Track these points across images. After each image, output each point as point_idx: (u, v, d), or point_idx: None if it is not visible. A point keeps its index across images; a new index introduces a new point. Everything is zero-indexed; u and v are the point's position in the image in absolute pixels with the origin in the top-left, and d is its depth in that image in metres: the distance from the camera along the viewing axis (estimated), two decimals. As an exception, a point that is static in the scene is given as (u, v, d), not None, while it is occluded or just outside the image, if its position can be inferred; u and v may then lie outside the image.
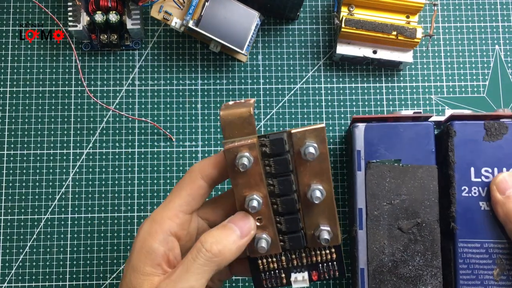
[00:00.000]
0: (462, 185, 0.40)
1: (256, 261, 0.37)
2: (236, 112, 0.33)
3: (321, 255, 0.36)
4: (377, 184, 0.41)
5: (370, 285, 0.40)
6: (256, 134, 0.34)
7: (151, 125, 0.50)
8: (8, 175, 0.49)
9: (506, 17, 0.53)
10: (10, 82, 0.51)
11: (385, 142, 0.42)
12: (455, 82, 0.52)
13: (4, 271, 0.48)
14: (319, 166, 0.34)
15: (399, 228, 0.40)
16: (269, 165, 0.34)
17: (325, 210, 0.35)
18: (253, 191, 0.34)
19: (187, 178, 0.35)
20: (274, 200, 0.35)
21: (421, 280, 0.40)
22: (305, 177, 0.34)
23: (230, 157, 0.33)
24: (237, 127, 0.33)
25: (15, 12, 0.52)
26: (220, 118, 0.34)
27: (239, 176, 0.34)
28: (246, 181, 0.34)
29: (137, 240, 0.35)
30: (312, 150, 0.33)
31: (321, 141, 0.33)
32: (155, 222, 0.35)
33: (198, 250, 0.33)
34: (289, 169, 0.34)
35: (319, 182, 0.34)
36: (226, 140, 0.34)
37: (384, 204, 0.41)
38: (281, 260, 0.37)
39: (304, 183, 0.34)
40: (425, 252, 0.40)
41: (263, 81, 0.51)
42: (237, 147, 0.33)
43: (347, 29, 0.47)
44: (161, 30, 0.52)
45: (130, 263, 0.34)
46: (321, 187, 0.34)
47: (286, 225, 0.35)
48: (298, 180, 0.34)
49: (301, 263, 0.37)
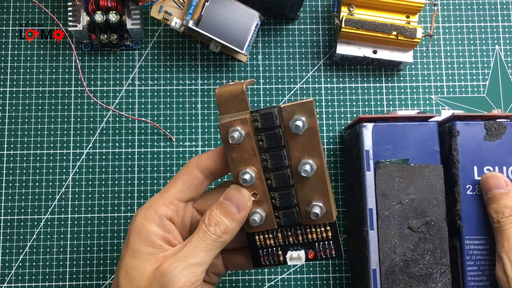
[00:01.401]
0: (466, 183, 0.41)
1: (253, 237, 0.37)
2: (229, 89, 0.35)
3: (316, 233, 0.37)
4: (387, 184, 0.41)
5: (382, 285, 0.40)
6: (248, 110, 0.35)
7: (151, 125, 0.50)
8: (8, 175, 0.49)
9: (506, 17, 0.53)
10: (10, 82, 0.51)
11: (392, 141, 0.42)
12: (455, 82, 0.52)
13: (4, 271, 0.48)
14: (309, 141, 0.35)
15: (409, 228, 0.41)
16: (262, 140, 0.35)
17: (317, 186, 0.36)
18: (247, 166, 0.35)
19: (184, 169, 0.37)
20: (268, 175, 0.36)
21: (431, 278, 0.40)
22: (296, 152, 0.35)
23: (223, 132, 0.35)
24: (231, 104, 0.35)
25: (15, 12, 0.52)
26: (215, 95, 0.35)
27: (233, 151, 0.35)
28: (240, 155, 0.35)
29: (133, 225, 0.36)
30: (300, 123, 0.34)
31: (310, 115, 0.34)
32: (150, 208, 0.36)
33: (204, 232, 0.35)
34: (280, 144, 0.35)
35: (310, 157, 0.35)
36: (220, 116, 0.35)
37: (394, 204, 0.41)
38: (278, 237, 0.37)
39: (295, 158, 0.35)
40: (434, 250, 0.41)
41: (263, 81, 0.51)
42: (230, 122, 0.35)
43: (347, 29, 0.47)
44: (161, 30, 0.52)
45: (128, 247, 0.35)
46: (311, 162, 0.35)
47: (280, 200, 0.36)
48: (290, 155, 0.35)
49: (297, 241, 0.37)
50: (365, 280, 0.42)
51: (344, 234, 0.49)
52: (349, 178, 0.48)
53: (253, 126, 0.35)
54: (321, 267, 0.48)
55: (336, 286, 0.48)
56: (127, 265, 0.35)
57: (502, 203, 0.39)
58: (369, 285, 0.41)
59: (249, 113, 0.35)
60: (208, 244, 0.35)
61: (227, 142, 0.35)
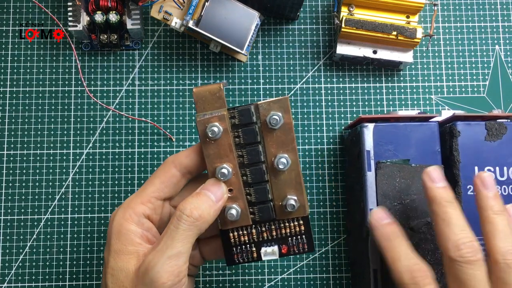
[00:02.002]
0: (467, 184, 0.41)
1: (227, 234, 0.38)
2: (207, 87, 0.37)
3: (290, 227, 0.38)
4: (388, 184, 0.41)
5: (383, 285, 0.40)
6: (226, 107, 0.37)
7: (151, 125, 0.50)
8: (8, 175, 0.49)
9: (506, 17, 0.53)
10: (10, 82, 0.50)
11: (393, 142, 0.42)
12: (455, 82, 0.52)
13: (4, 271, 0.48)
14: (284, 136, 0.37)
15: (410, 228, 0.41)
16: (238, 136, 0.37)
17: (292, 181, 0.37)
18: (224, 162, 0.37)
19: (161, 168, 0.37)
20: (244, 171, 0.37)
21: None
22: (272, 148, 0.37)
23: (201, 129, 0.36)
24: (208, 101, 0.37)
25: (15, 12, 0.52)
26: (193, 93, 0.37)
27: (210, 147, 0.36)
28: (217, 152, 0.36)
29: (112, 226, 0.36)
30: (276, 117, 0.36)
31: (285, 111, 0.36)
32: (128, 207, 0.36)
33: (178, 217, 0.34)
34: (257, 140, 0.37)
35: (285, 152, 0.37)
36: (198, 113, 0.37)
37: (395, 204, 0.41)
38: (252, 233, 0.38)
39: (271, 154, 0.37)
40: (435, 250, 0.41)
41: (263, 81, 0.51)
42: (208, 119, 0.36)
43: (347, 29, 0.47)
44: (161, 30, 0.52)
45: (111, 248, 0.35)
46: (286, 156, 0.36)
47: (255, 195, 0.37)
48: (265, 151, 0.37)
49: (271, 237, 0.38)
50: (366, 280, 0.42)
51: (344, 234, 0.49)
52: (350, 178, 0.48)
53: (230, 122, 0.37)
54: (321, 267, 0.48)
55: (336, 286, 0.48)
56: (112, 268, 0.34)
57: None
58: (369, 285, 0.41)
59: (227, 110, 0.37)
60: (184, 231, 0.34)
61: (204, 138, 0.36)
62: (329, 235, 0.49)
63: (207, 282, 0.48)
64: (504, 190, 0.41)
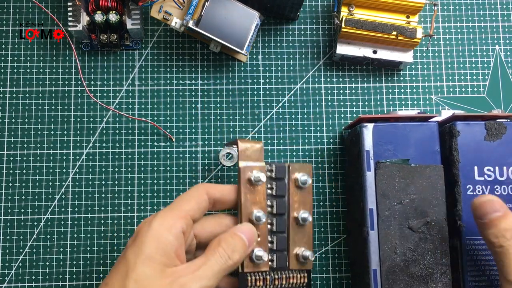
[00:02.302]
0: (467, 184, 0.41)
1: (246, 277, 0.40)
2: (251, 141, 0.43)
3: (296, 278, 0.42)
4: (387, 184, 0.41)
5: (383, 285, 0.41)
6: (263, 161, 0.42)
7: (151, 125, 0.50)
8: (8, 175, 0.49)
9: (506, 17, 0.53)
10: (10, 82, 0.51)
11: (392, 142, 0.42)
12: (455, 82, 0.52)
13: (4, 271, 0.48)
14: (305, 196, 0.42)
15: (409, 228, 0.41)
16: (271, 188, 0.41)
17: (306, 235, 0.42)
18: (257, 208, 0.40)
19: (194, 191, 0.38)
20: (270, 219, 0.41)
21: (431, 279, 0.40)
22: (295, 203, 0.42)
23: (245, 174, 0.41)
24: (250, 153, 0.42)
25: (15, 12, 0.52)
26: (238, 144, 0.42)
27: (248, 192, 0.40)
28: (253, 197, 0.41)
29: (149, 231, 0.35)
30: (306, 178, 0.41)
31: (309, 175, 0.42)
32: (168, 217, 0.36)
33: (221, 255, 0.36)
34: (286, 193, 0.42)
35: (305, 209, 0.42)
36: (241, 161, 0.42)
37: (395, 204, 0.41)
38: (266, 279, 0.41)
39: (293, 209, 0.41)
40: (434, 250, 0.41)
41: (263, 81, 0.51)
42: (251, 167, 0.41)
43: (347, 29, 0.47)
44: (161, 30, 0.52)
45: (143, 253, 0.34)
46: (308, 213, 0.41)
47: (277, 243, 0.41)
48: (290, 205, 0.41)
49: (281, 285, 0.41)
50: (366, 280, 0.42)
51: (344, 234, 0.49)
52: (349, 178, 0.48)
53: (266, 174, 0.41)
54: (321, 267, 0.48)
55: (336, 286, 0.48)
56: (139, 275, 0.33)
57: (502, 226, 0.36)
58: (369, 285, 0.41)
59: (264, 164, 0.42)
60: (221, 269, 0.35)
61: (246, 183, 0.40)
62: (329, 235, 0.49)
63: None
64: (504, 190, 0.41)
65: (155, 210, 0.49)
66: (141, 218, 0.49)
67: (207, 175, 0.50)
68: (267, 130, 0.50)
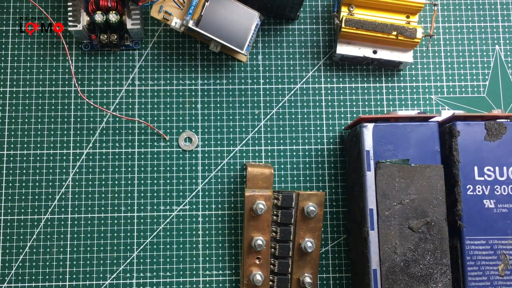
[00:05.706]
0: (467, 184, 0.41)
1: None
2: (260, 169, 0.45)
3: None
4: (387, 184, 0.41)
5: (383, 285, 0.41)
6: (271, 189, 0.45)
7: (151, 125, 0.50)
8: (8, 175, 0.49)
9: (506, 17, 0.53)
10: (10, 82, 0.51)
11: (392, 142, 0.42)
12: (455, 82, 0.52)
13: (4, 271, 0.48)
14: (313, 224, 0.44)
15: (409, 228, 0.41)
16: (277, 215, 0.44)
17: (310, 262, 0.44)
18: (260, 234, 0.43)
19: None
20: (274, 244, 0.44)
21: (431, 279, 0.40)
22: (301, 231, 0.44)
23: (249, 203, 0.43)
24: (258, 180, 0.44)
25: (15, 12, 0.52)
26: (247, 171, 0.44)
27: (252, 219, 0.43)
28: (256, 224, 0.43)
29: None
30: (313, 208, 0.43)
31: (319, 205, 0.44)
32: None
33: None
34: (291, 222, 0.44)
35: (312, 237, 0.44)
36: (247, 188, 0.44)
37: (395, 204, 0.41)
38: None
39: (299, 236, 0.44)
40: (434, 250, 0.41)
41: (263, 81, 0.51)
42: (256, 196, 0.43)
43: (347, 29, 0.47)
44: (161, 30, 0.52)
45: None
46: (312, 241, 0.44)
47: (279, 267, 0.44)
48: (295, 232, 0.44)
49: None
50: (366, 280, 0.42)
51: (344, 234, 0.49)
52: (350, 178, 0.48)
53: (272, 202, 0.44)
54: (321, 267, 0.48)
55: (336, 286, 0.48)
56: None
57: None
58: (369, 285, 0.41)
59: (272, 192, 0.44)
60: None
61: (249, 211, 0.43)
62: (329, 235, 0.49)
63: (207, 282, 0.48)
64: (504, 190, 0.41)
65: (155, 210, 0.49)
66: (141, 218, 0.49)
67: (207, 175, 0.50)
68: (267, 130, 0.50)
